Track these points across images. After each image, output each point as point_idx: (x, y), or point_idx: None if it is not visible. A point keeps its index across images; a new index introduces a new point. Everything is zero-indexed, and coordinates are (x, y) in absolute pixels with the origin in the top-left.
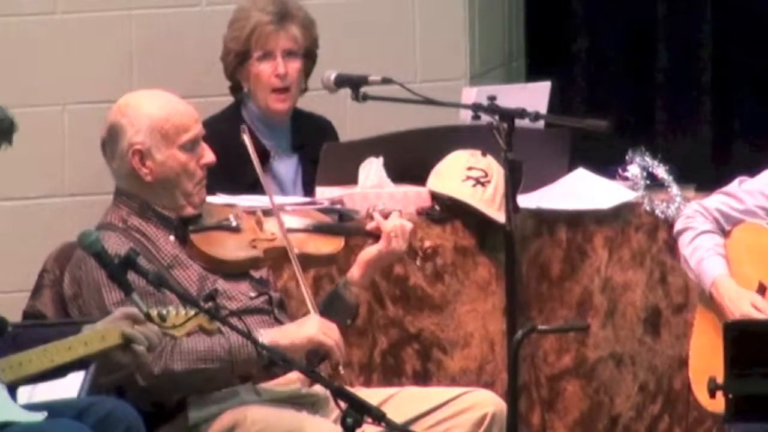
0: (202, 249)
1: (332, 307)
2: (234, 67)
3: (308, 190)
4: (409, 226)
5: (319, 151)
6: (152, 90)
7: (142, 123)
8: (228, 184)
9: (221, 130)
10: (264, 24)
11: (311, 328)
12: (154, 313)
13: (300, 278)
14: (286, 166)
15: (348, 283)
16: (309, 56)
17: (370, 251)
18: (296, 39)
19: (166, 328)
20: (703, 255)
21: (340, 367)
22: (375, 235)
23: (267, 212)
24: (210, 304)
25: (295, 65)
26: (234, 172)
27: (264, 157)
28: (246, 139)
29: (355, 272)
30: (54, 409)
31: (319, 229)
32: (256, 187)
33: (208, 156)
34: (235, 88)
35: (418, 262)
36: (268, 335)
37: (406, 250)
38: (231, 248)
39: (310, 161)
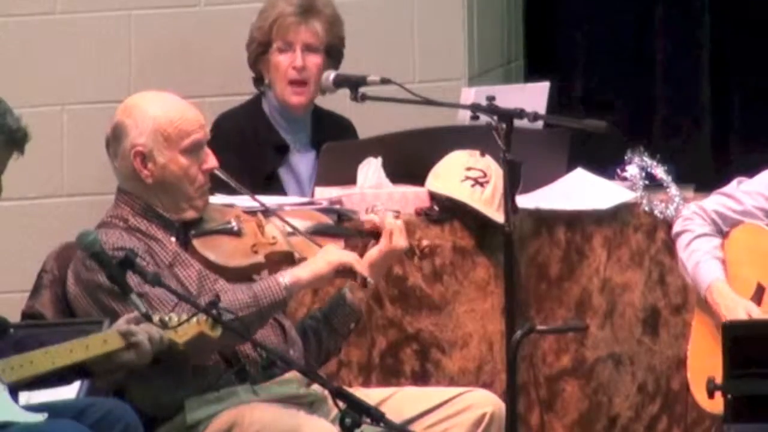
0: (204, 255)
1: (336, 312)
2: (256, 56)
3: None
4: (400, 223)
5: None
6: (161, 92)
7: (146, 125)
8: (245, 176)
9: (240, 122)
10: (287, 15)
11: (327, 253)
12: (156, 318)
13: (299, 231)
14: (305, 162)
15: (353, 286)
16: (331, 54)
17: (372, 253)
18: (317, 34)
19: (168, 331)
20: (699, 258)
21: (369, 279)
22: (374, 235)
23: (267, 214)
24: (213, 309)
25: (314, 60)
26: (252, 164)
27: (282, 150)
28: (218, 173)
29: None
30: (54, 409)
31: (318, 232)
32: (272, 179)
33: (211, 162)
34: (258, 80)
35: (415, 261)
36: (288, 273)
37: (406, 248)
38: (233, 254)
39: None
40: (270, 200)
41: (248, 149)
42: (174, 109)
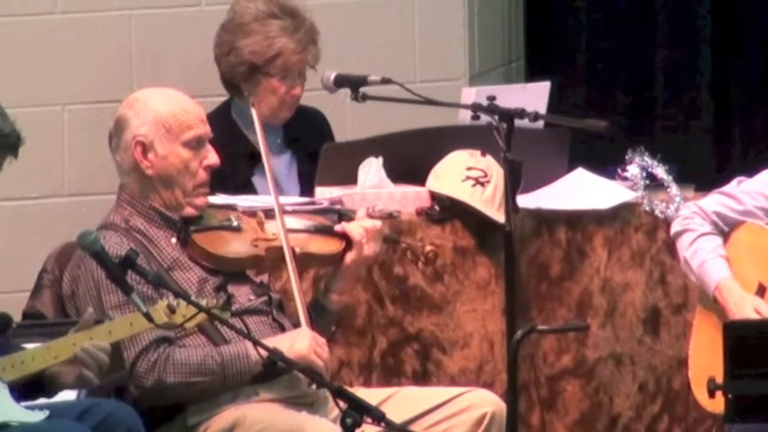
0: (204, 247)
1: (317, 319)
2: (242, 75)
3: (305, 183)
4: (378, 224)
5: (313, 143)
6: (164, 88)
7: (147, 116)
8: (218, 185)
9: (212, 130)
10: (292, 52)
11: (303, 346)
12: (164, 304)
13: (295, 285)
14: (280, 162)
15: (328, 290)
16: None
17: (345, 259)
18: (315, 58)
19: (174, 320)
20: (705, 257)
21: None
22: (347, 240)
23: (268, 213)
24: (221, 294)
25: (303, 78)
26: (224, 173)
27: (255, 158)
28: (254, 112)
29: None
30: (55, 410)
31: (320, 230)
32: (246, 188)
33: (212, 158)
34: (233, 88)
35: (420, 266)
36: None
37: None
38: (232, 246)
39: (305, 155)
40: (271, 200)
41: (220, 158)
42: (176, 102)
